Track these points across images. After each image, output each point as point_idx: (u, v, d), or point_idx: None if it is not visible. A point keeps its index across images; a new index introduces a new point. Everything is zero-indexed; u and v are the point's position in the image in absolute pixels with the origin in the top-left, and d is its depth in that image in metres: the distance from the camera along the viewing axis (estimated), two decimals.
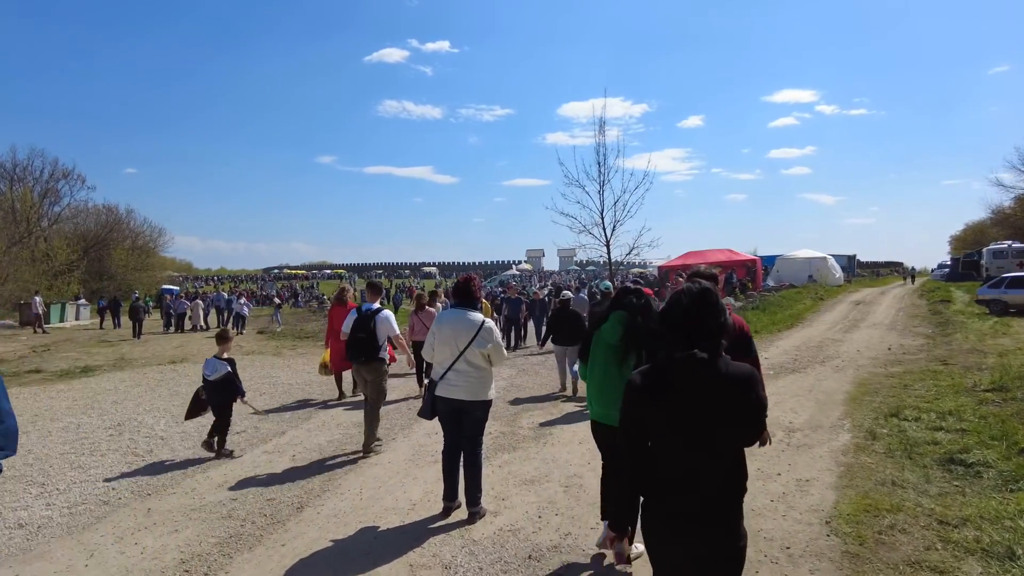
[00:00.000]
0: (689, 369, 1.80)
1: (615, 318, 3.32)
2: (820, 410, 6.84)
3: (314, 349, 16.19)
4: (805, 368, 9.75)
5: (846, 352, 11.48)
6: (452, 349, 3.81)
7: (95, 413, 7.87)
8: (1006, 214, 45.16)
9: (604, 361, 3.31)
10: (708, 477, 1.80)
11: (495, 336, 3.88)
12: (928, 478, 4.49)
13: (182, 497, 4.60)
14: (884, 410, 6.61)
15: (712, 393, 1.78)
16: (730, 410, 1.78)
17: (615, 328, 3.29)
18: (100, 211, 49.36)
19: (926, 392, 7.44)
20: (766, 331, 15.38)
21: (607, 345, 3.30)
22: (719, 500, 1.82)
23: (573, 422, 6.57)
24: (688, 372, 1.80)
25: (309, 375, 10.61)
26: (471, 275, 4.03)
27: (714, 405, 1.78)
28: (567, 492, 4.45)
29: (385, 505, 4.28)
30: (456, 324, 3.85)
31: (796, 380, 8.75)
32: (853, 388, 8.00)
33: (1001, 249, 24.44)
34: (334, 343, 7.81)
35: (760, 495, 4.27)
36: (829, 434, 5.86)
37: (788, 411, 6.84)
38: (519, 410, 7.28)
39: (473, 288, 3.92)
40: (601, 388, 3.31)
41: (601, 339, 3.35)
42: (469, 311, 3.91)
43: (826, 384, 8.37)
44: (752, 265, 28.17)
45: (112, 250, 46.32)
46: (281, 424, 7.09)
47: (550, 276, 65.38)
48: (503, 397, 8.04)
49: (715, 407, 1.78)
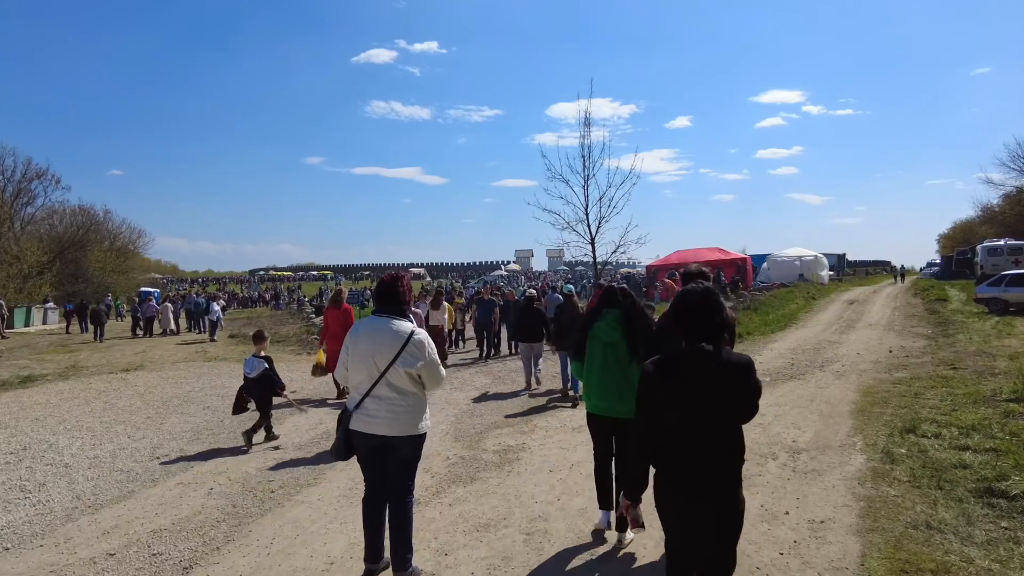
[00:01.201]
0: (697, 359, 2.08)
1: (610, 317, 3.52)
2: (826, 425, 6.04)
3: (283, 354, 15.26)
4: (804, 374, 8.98)
5: (845, 355, 10.73)
6: (370, 369, 2.93)
7: (5, 433, 6.89)
8: (995, 212, 45.03)
9: (602, 358, 3.49)
10: (713, 451, 2.07)
11: (427, 351, 2.99)
12: (969, 517, 3.67)
13: (50, 552, 3.68)
14: (898, 424, 5.83)
15: (717, 380, 2.05)
16: (732, 394, 2.07)
17: (612, 327, 3.49)
18: (76, 212, 47.82)
19: (941, 402, 6.67)
20: (759, 332, 14.63)
21: (603, 343, 3.49)
22: (722, 471, 2.08)
23: (547, 442, 5.72)
24: (696, 362, 2.08)
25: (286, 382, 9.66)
26: (399, 273, 3.12)
27: (719, 390, 2.05)
28: (527, 542, 3.58)
29: (295, 564, 3.38)
30: (375, 336, 2.96)
31: (796, 388, 7.96)
32: (859, 397, 7.21)
33: (996, 247, 23.96)
34: (331, 344, 7.90)
35: (766, 545, 3.43)
36: (840, 455, 5.05)
37: (790, 426, 6.03)
38: (486, 428, 6.41)
39: (400, 289, 3.03)
40: (600, 383, 3.49)
41: (597, 337, 3.52)
42: (393, 319, 3.02)
43: (829, 393, 7.58)
44: (742, 264, 27.53)
45: (89, 252, 44.88)
46: (215, 444, 6.18)
47: (541, 276, 64.52)
48: (469, 413, 7.17)
49: (719, 392, 2.05)
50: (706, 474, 2.06)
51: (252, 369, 6.06)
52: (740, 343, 12.94)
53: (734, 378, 2.06)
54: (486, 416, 6.88)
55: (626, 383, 3.39)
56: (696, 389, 2.05)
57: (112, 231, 50.78)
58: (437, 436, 5.98)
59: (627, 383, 3.38)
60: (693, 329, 2.12)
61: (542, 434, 5.98)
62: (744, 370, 2.07)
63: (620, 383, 3.44)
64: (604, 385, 3.48)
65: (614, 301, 3.59)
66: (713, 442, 2.06)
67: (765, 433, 5.79)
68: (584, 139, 13.76)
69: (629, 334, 3.45)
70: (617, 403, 3.44)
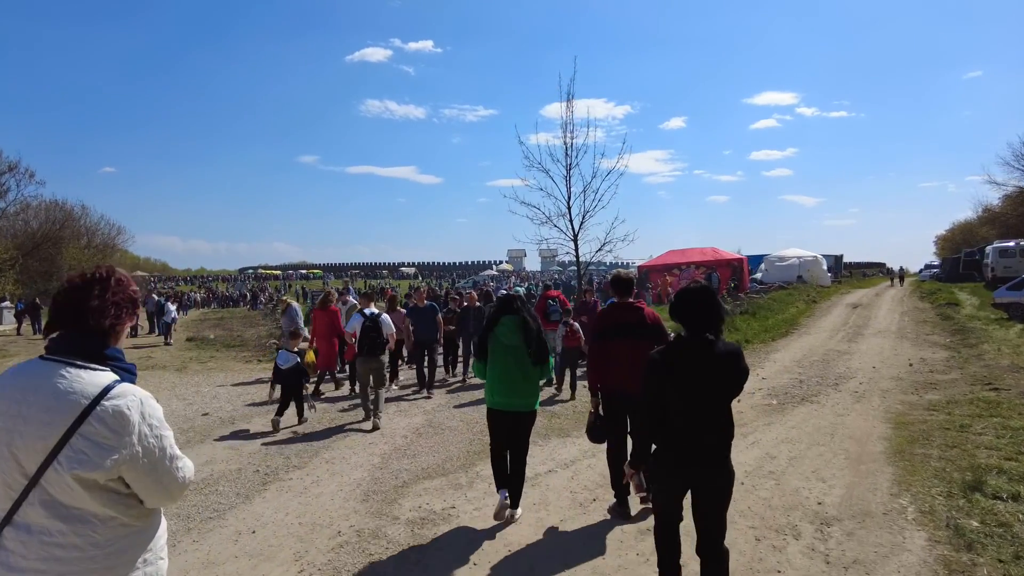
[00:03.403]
0: (699, 348, 2.44)
1: (509, 322, 3.87)
2: (858, 475, 4.59)
3: (231, 362, 13.73)
4: (816, 395, 7.54)
5: (860, 369, 9.32)
6: (6, 472, 1.41)
7: None
8: (996, 213, 43.97)
9: (503, 359, 3.83)
10: (708, 429, 2.44)
11: (137, 431, 1.44)
12: None
13: None
14: (955, 476, 4.39)
15: (714, 365, 2.42)
16: (726, 377, 2.45)
17: (512, 331, 3.84)
18: (50, 207, 46.01)
19: (998, 439, 5.24)
20: (758, 340, 13.20)
21: (505, 346, 3.83)
22: (716, 446, 2.45)
23: (485, 505, 4.24)
24: (698, 350, 2.44)
25: (201, 401, 8.13)
26: (100, 270, 1.55)
27: (715, 374, 2.43)
28: None
29: None
30: (22, 402, 1.42)
31: (810, 416, 6.52)
32: (891, 431, 5.78)
33: (1007, 247, 22.59)
34: (320, 344, 8.41)
35: None
36: (888, 531, 3.60)
37: (812, 477, 4.58)
38: (414, 477, 4.91)
39: (92, 303, 1.48)
40: (501, 381, 3.83)
41: (499, 341, 3.85)
42: (69, 365, 1.45)
43: (851, 423, 6.14)
44: (738, 265, 26.12)
45: (64, 249, 43.15)
46: None
47: (534, 276, 63.02)
48: (401, 452, 5.67)
49: (716, 376, 2.43)
50: (705, 445, 2.44)
51: (286, 362, 6.73)
52: None
53: (728, 364, 2.43)
54: (421, 458, 5.37)
55: (524, 381, 3.82)
56: (698, 373, 2.42)
57: (90, 227, 49.10)
58: (341, 493, 4.48)
59: (525, 381, 3.83)
60: (696, 321, 2.47)
61: (483, 489, 4.49)
62: (736, 356, 2.47)
63: (519, 381, 3.81)
64: (505, 383, 3.82)
65: (511, 309, 3.91)
66: (711, 418, 2.44)
67: (780, 489, 4.34)
68: (565, 115, 12.21)
69: (526, 337, 3.81)
70: (517, 399, 3.82)
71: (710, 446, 2.42)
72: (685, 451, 2.43)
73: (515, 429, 3.87)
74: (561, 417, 6.82)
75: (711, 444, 2.42)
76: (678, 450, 2.45)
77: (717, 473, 2.44)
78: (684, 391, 2.41)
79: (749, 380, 8.42)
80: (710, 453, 2.43)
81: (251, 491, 4.58)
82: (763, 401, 7.32)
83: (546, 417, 6.81)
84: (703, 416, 2.41)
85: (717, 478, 2.44)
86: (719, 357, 2.40)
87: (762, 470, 4.78)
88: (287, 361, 6.74)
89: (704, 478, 2.45)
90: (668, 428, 2.46)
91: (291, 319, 8.99)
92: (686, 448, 2.43)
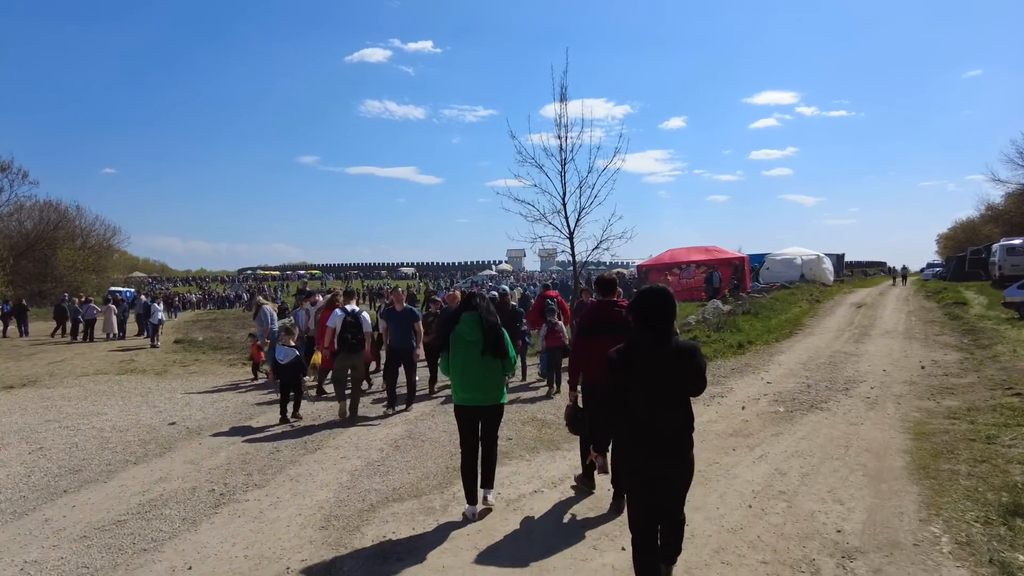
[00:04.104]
0: (654, 346, 2.56)
1: (470, 319, 3.94)
2: (880, 495, 4.10)
3: (216, 365, 13.26)
4: (826, 401, 7.05)
5: (870, 372, 8.83)
6: None
7: None
8: (999, 211, 43.48)
9: (465, 354, 3.90)
10: (668, 422, 2.56)
11: None
12: None
13: None
14: (989, 497, 3.90)
15: (670, 362, 2.54)
16: (682, 373, 2.55)
17: (472, 327, 3.92)
18: (44, 207, 45.54)
19: None
20: (761, 341, 12.67)
21: (467, 342, 3.91)
22: (676, 439, 2.58)
23: (461, 535, 3.75)
24: (654, 348, 2.56)
25: (172, 409, 7.64)
26: None
27: (672, 370, 2.54)
28: None
29: None
30: None
31: (821, 425, 6.02)
32: (911, 442, 5.29)
33: (1015, 245, 22.04)
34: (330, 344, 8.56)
35: None
36: (922, 567, 3.11)
37: (827, 498, 4.08)
38: (382, 499, 4.41)
39: None
40: (464, 376, 3.90)
41: (461, 337, 3.92)
42: None
43: (867, 433, 5.65)
44: (740, 264, 25.63)
45: (59, 249, 42.72)
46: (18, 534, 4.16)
47: (533, 276, 62.50)
48: (374, 468, 5.18)
49: (672, 372, 2.54)
50: (667, 438, 2.56)
51: (285, 357, 6.84)
52: (742, 354, 11.04)
53: (684, 360, 2.54)
54: (394, 475, 4.87)
55: (485, 375, 3.90)
56: (655, 370, 2.54)
57: (84, 228, 48.70)
58: (299, 518, 3.99)
59: (486, 375, 3.90)
60: (651, 320, 2.59)
61: (457, 513, 3.99)
62: (692, 353, 2.57)
63: (480, 376, 3.89)
64: (467, 378, 3.89)
65: (472, 305, 3.97)
66: (670, 413, 2.56)
67: (792, 513, 3.85)
68: (560, 108, 11.67)
69: (483, 333, 3.89)
70: (479, 393, 3.90)
71: (670, 439, 2.56)
72: (649, 445, 2.56)
73: (483, 424, 3.97)
74: (552, 427, 6.32)
75: (671, 437, 2.56)
76: (644, 444, 2.57)
77: (677, 464, 2.58)
78: (644, 387, 2.55)
79: (754, 386, 7.88)
80: (670, 445, 2.57)
81: (200, 515, 4.08)
82: (769, 408, 6.83)
83: (535, 427, 6.32)
84: (663, 411, 2.55)
85: (677, 469, 2.59)
86: (674, 354, 2.55)
87: (772, 489, 4.28)
88: (286, 356, 6.83)
89: (665, 469, 2.58)
90: (634, 424, 2.59)
91: (262, 322, 8.55)
92: (650, 442, 2.56)
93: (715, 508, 3.97)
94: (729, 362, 10.28)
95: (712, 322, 14.26)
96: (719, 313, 15.80)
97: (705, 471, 4.69)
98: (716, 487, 4.35)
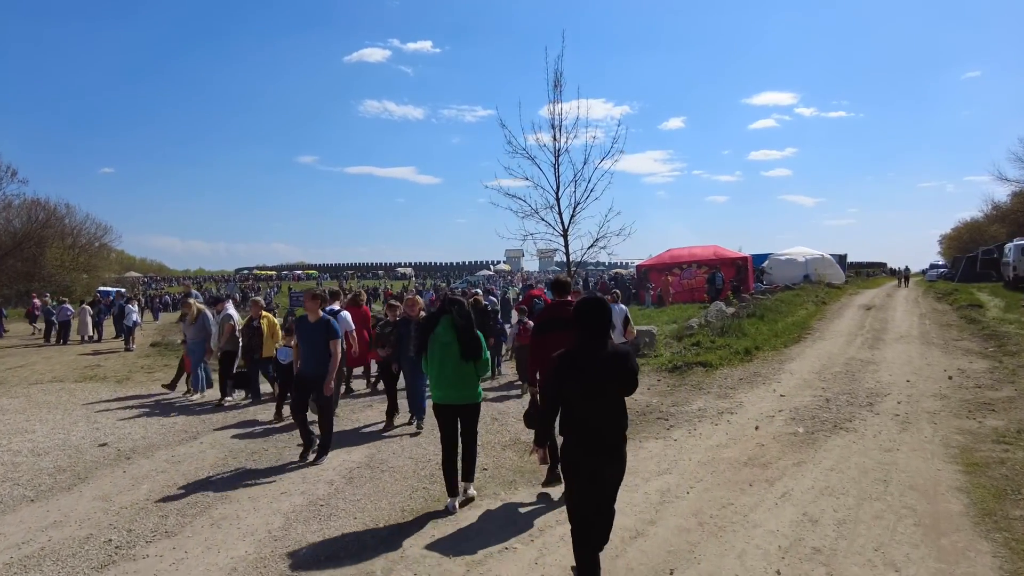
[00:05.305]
0: (592, 350, 2.73)
1: (446, 321, 4.18)
2: (942, 557, 3.21)
3: None
4: (850, 420, 6.17)
5: (893, 383, 7.95)
6: None
7: None
8: (1004, 211, 42.67)
9: (441, 356, 4.12)
10: (603, 420, 2.71)
11: None
12: None
13: None
14: None
15: (605, 364, 2.69)
16: (616, 374, 2.70)
17: (448, 329, 4.15)
18: (31, 206, 44.61)
19: None
20: (769, 346, 11.73)
21: (443, 344, 4.13)
22: (610, 435, 2.73)
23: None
24: (591, 352, 2.73)
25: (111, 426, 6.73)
26: None
27: (606, 372, 2.69)
28: None
29: None
30: None
31: (849, 452, 5.14)
32: (963, 476, 4.41)
33: None
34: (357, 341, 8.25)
35: None
36: None
37: (875, 560, 3.19)
38: (303, 562, 3.54)
39: None
40: (440, 376, 4.13)
41: (437, 339, 4.16)
42: None
43: (906, 462, 4.77)
44: (743, 264, 24.77)
45: (47, 248, 41.82)
46: None
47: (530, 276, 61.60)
48: (292, 526, 4.29)
49: (607, 373, 2.69)
50: (602, 435, 2.71)
51: (286, 357, 6.87)
52: (750, 362, 10.16)
53: (617, 363, 2.71)
54: (336, 520, 3.97)
55: (459, 375, 4.11)
56: (593, 371, 2.68)
57: (74, 227, 47.80)
58: None
59: (460, 375, 4.12)
60: (589, 326, 2.77)
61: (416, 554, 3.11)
62: (625, 357, 2.74)
63: (455, 375, 4.11)
64: (443, 378, 4.12)
65: (446, 309, 4.24)
66: (606, 411, 2.71)
67: None
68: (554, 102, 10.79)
69: (457, 335, 4.11)
70: (454, 392, 4.12)
71: (606, 436, 2.71)
72: (587, 441, 2.70)
73: (461, 421, 4.16)
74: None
75: (607, 434, 2.71)
76: (583, 442, 2.71)
77: (611, 460, 2.72)
78: (583, 387, 2.69)
79: (766, 399, 6.82)
80: (605, 442, 2.70)
81: None
82: (787, 429, 5.95)
83: (517, 452, 5.45)
84: (599, 409, 2.70)
85: (611, 465, 2.73)
86: (609, 357, 2.70)
87: (803, 545, 3.40)
88: (287, 356, 6.85)
89: (603, 465, 2.70)
90: (574, 421, 2.73)
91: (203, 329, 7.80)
92: (587, 439, 2.70)
93: (733, 575, 3.09)
94: (736, 371, 9.40)
95: (716, 325, 13.34)
96: (723, 316, 14.89)
97: (718, 517, 3.81)
98: (733, 542, 3.47)
